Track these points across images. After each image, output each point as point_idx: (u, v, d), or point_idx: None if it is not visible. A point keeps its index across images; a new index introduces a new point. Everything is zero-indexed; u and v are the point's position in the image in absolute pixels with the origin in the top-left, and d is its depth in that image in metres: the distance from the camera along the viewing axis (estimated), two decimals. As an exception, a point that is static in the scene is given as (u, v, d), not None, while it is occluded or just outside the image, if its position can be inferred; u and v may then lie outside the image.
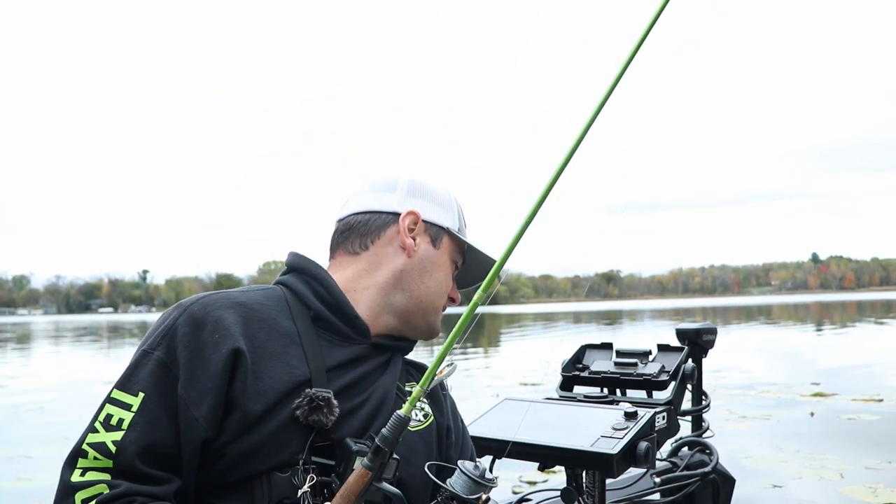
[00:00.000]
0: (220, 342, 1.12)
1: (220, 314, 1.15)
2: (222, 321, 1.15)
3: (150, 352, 1.13)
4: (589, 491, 1.53)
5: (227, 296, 1.21)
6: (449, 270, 1.35)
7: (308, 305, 1.25)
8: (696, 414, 1.93)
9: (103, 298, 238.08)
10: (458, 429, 1.42)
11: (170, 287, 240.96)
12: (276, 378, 1.14)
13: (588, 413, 1.58)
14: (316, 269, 1.30)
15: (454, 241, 1.36)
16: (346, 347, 1.25)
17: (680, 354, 1.73)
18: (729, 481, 1.91)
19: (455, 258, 1.37)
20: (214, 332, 1.13)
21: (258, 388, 1.12)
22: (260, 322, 1.19)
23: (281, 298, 1.26)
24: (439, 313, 1.36)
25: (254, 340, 1.16)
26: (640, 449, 1.44)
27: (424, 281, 1.32)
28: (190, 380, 1.10)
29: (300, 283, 1.28)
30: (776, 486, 4.85)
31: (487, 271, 1.10)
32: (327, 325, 1.25)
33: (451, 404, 1.42)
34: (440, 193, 1.37)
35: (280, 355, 1.17)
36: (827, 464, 5.37)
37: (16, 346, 28.05)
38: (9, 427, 8.29)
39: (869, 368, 11.97)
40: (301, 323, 1.23)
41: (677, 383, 1.68)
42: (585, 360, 1.85)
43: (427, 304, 1.33)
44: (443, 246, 1.34)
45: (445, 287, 1.35)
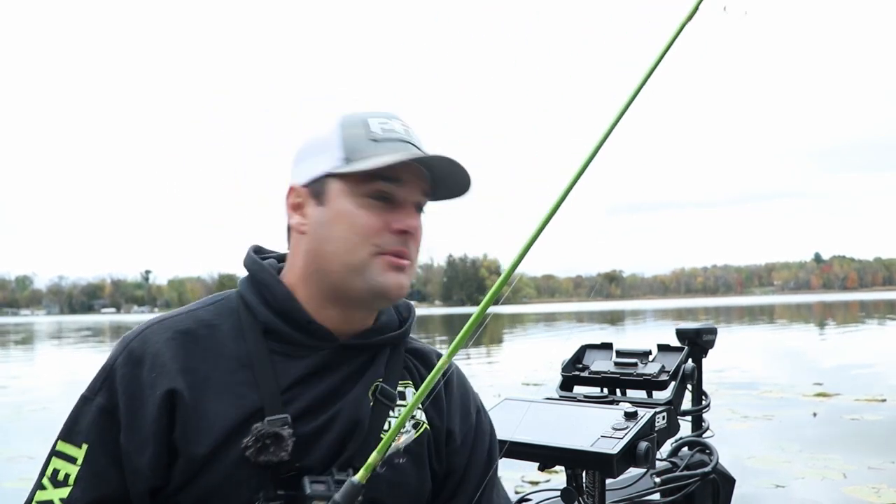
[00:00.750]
0: (157, 382, 1.03)
1: (157, 349, 1.06)
2: (159, 357, 1.05)
3: (91, 398, 1.06)
4: (589, 491, 1.53)
5: (172, 324, 1.09)
6: (358, 212, 1.07)
7: (256, 317, 1.11)
8: (696, 414, 1.93)
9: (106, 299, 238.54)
10: (468, 431, 1.24)
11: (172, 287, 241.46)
12: (221, 414, 1.03)
13: (588, 413, 1.58)
14: (260, 272, 1.14)
15: (347, 176, 1.08)
16: (305, 359, 1.09)
17: (680, 354, 1.73)
18: (729, 481, 1.90)
19: (365, 191, 1.07)
20: (152, 370, 1.04)
21: (201, 429, 1.02)
22: (204, 350, 1.07)
23: (233, 312, 1.12)
24: (372, 265, 1.07)
25: (196, 373, 1.05)
26: (640, 449, 1.44)
27: (326, 247, 1.08)
28: (130, 426, 1.02)
29: (250, 290, 1.14)
30: (779, 487, 4.84)
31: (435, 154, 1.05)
32: (279, 337, 1.10)
33: (461, 403, 1.25)
34: (316, 139, 1.12)
35: (227, 386, 1.05)
36: (830, 464, 5.36)
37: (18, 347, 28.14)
38: (11, 427, 8.31)
39: (872, 368, 11.95)
40: (251, 339, 1.09)
41: (677, 383, 1.68)
42: (585, 360, 1.85)
43: (344, 265, 1.07)
44: (331, 195, 1.08)
45: (360, 231, 1.06)
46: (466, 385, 1.30)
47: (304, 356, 1.09)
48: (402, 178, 1.08)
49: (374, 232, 1.07)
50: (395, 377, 1.18)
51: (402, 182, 1.09)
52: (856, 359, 13.85)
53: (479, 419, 1.27)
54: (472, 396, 1.29)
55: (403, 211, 1.09)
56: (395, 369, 1.18)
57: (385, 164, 1.05)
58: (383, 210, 1.08)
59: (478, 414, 1.27)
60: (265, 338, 1.09)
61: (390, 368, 1.17)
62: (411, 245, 1.11)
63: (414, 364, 1.23)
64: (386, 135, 1.10)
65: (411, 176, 1.09)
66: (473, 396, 1.30)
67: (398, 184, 1.08)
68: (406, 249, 1.09)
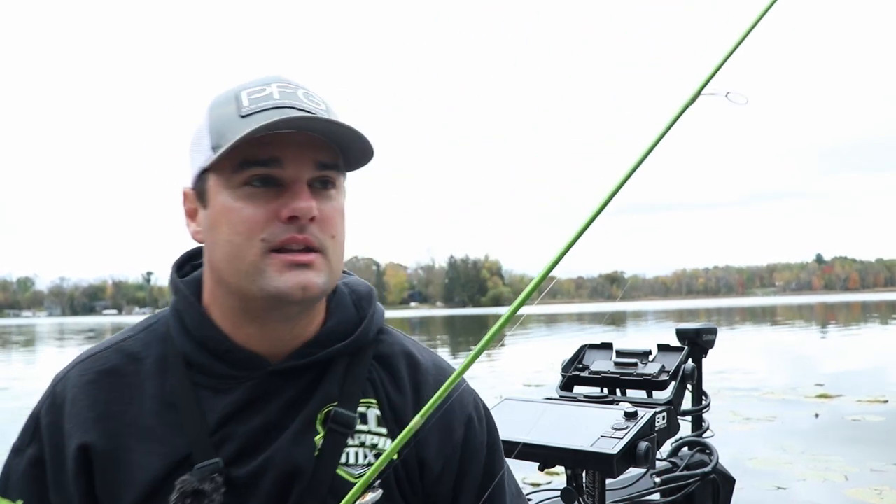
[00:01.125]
0: (72, 433, 0.93)
1: (75, 395, 0.95)
2: (76, 405, 0.94)
3: (23, 449, 0.97)
4: (589, 491, 1.54)
5: (95, 362, 0.97)
6: (236, 205, 0.89)
7: (178, 348, 0.96)
8: (696, 414, 1.94)
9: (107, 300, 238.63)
10: (451, 454, 1.01)
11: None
12: (144, 466, 0.91)
13: (588, 413, 1.58)
14: (176, 293, 0.99)
15: (219, 168, 0.90)
16: (232, 392, 0.93)
17: (680, 354, 1.73)
18: (729, 481, 1.90)
19: (241, 179, 0.89)
20: (69, 419, 0.94)
21: (123, 483, 0.91)
22: (130, 390, 0.95)
23: (162, 340, 0.98)
24: (265, 267, 0.89)
25: (118, 420, 0.93)
26: (640, 449, 1.45)
27: (216, 253, 0.92)
28: (56, 482, 0.93)
29: (173, 315, 0.99)
30: (780, 488, 4.83)
31: (297, 115, 0.86)
32: (202, 369, 0.95)
33: (439, 419, 1.00)
34: (194, 131, 0.96)
35: (151, 431, 0.93)
36: (831, 465, 5.35)
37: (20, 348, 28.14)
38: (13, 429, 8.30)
39: (874, 369, 11.92)
40: (175, 374, 0.95)
41: (677, 383, 1.68)
42: (585, 360, 1.85)
43: (235, 271, 0.90)
44: (210, 192, 0.92)
45: (242, 227, 0.89)
46: (445, 377, 1.05)
47: (231, 389, 0.93)
48: (280, 154, 0.88)
49: (258, 225, 0.88)
50: (355, 396, 0.98)
51: (282, 159, 0.88)
52: (858, 360, 13.83)
53: (469, 432, 1.03)
54: (459, 403, 1.04)
55: (290, 193, 0.88)
56: (353, 385, 0.98)
57: (234, 143, 0.85)
58: (268, 197, 0.89)
59: (467, 425, 1.03)
60: (190, 371, 0.95)
61: (348, 384, 0.98)
62: (314, 230, 0.89)
63: (378, 374, 1.01)
64: (256, 105, 0.90)
65: (295, 148, 0.89)
66: (461, 402, 1.04)
67: (276, 163, 0.88)
68: (305, 236, 0.89)
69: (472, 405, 1.06)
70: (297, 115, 0.87)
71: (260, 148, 0.87)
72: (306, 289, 0.89)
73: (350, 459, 0.95)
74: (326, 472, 0.93)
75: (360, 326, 1.00)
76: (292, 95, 0.92)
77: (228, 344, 0.94)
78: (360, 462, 0.95)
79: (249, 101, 0.91)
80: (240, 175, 0.89)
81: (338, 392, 0.97)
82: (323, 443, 0.94)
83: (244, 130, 0.86)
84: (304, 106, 0.91)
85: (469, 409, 1.05)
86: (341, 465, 0.94)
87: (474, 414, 1.05)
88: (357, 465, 0.95)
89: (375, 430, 0.97)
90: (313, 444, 0.94)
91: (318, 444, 0.94)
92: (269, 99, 0.91)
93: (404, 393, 1.01)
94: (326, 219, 0.91)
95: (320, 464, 0.93)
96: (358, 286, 1.06)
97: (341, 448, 0.95)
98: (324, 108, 0.93)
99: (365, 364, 1.00)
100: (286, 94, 0.92)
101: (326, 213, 0.91)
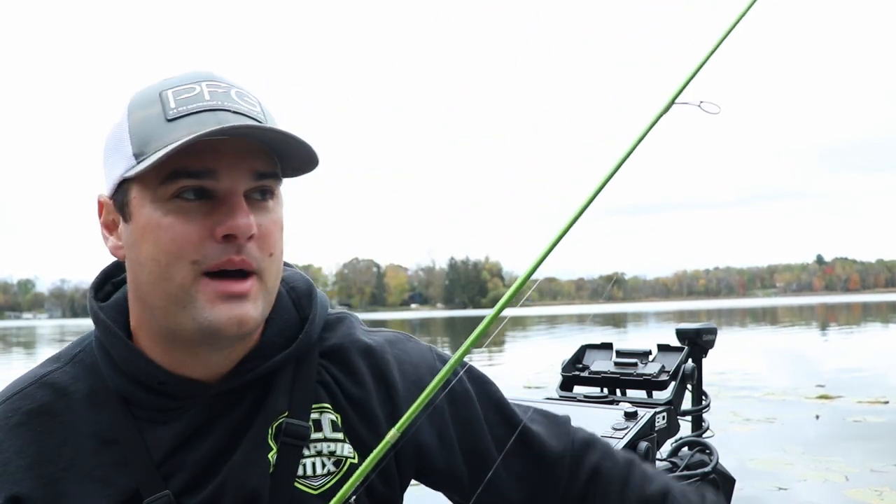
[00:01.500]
0: (1, 486, 0.84)
1: (1, 441, 0.86)
2: (3, 452, 0.85)
3: None
4: (589, 491, 1.53)
5: (21, 401, 0.88)
6: (164, 220, 0.79)
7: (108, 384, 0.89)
8: (696, 414, 1.93)
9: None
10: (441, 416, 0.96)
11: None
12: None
13: (588, 413, 1.57)
14: (96, 323, 0.90)
15: (144, 176, 0.80)
16: (175, 422, 0.86)
17: (680, 354, 1.73)
18: (729, 481, 1.90)
19: (169, 192, 0.79)
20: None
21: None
22: (62, 430, 0.87)
23: (91, 372, 0.90)
24: (196, 296, 0.80)
25: (53, 464, 0.85)
26: (640, 449, 1.44)
27: (140, 275, 0.83)
28: None
29: (98, 346, 0.91)
30: (781, 489, 4.83)
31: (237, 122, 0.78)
32: (138, 402, 0.87)
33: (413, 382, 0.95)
34: (111, 132, 0.85)
35: (92, 471, 0.85)
36: (832, 466, 5.34)
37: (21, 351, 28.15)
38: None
39: (875, 370, 11.91)
40: (112, 407, 0.87)
41: (677, 383, 1.68)
42: (585, 360, 1.85)
43: (163, 296, 0.81)
44: (133, 205, 0.82)
45: (171, 247, 0.79)
46: (404, 348, 0.99)
47: (172, 420, 0.87)
48: (214, 165, 0.79)
49: (189, 245, 0.79)
50: (306, 403, 0.92)
51: (216, 171, 0.79)
52: (858, 361, 13.81)
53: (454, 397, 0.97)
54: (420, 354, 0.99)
55: (226, 208, 0.79)
56: (303, 392, 0.92)
57: (164, 155, 0.76)
58: (201, 212, 0.79)
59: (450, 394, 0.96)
60: (126, 404, 0.87)
61: (297, 392, 0.92)
62: (251, 250, 0.81)
63: (330, 373, 0.95)
64: (184, 107, 0.80)
65: (230, 157, 0.80)
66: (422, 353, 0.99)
67: (210, 175, 0.79)
68: (242, 258, 0.80)
69: (434, 352, 1.01)
70: (239, 125, 0.78)
71: (191, 157, 0.78)
72: (242, 324, 0.82)
73: (308, 471, 0.91)
74: (284, 487, 0.89)
75: (303, 331, 0.93)
76: (224, 96, 0.82)
77: (162, 375, 0.85)
78: (318, 472, 0.91)
79: (176, 101, 0.81)
80: (168, 187, 0.79)
81: (287, 403, 0.91)
82: (277, 458, 0.89)
83: (172, 136, 0.77)
84: (237, 108, 0.82)
85: (431, 355, 1.00)
86: (299, 479, 0.90)
87: (457, 385, 0.98)
88: (316, 476, 0.91)
89: (331, 436, 0.92)
90: (267, 461, 0.88)
91: (272, 461, 0.89)
92: (199, 100, 0.81)
93: (364, 384, 0.94)
94: (265, 236, 0.83)
95: (277, 480, 0.88)
96: (297, 283, 0.97)
97: (297, 461, 0.90)
98: (258, 109, 0.85)
99: (312, 367, 0.94)
100: (217, 94, 0.82)
101: (265, 229, 0.83)
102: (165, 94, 0.82)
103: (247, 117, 0.82)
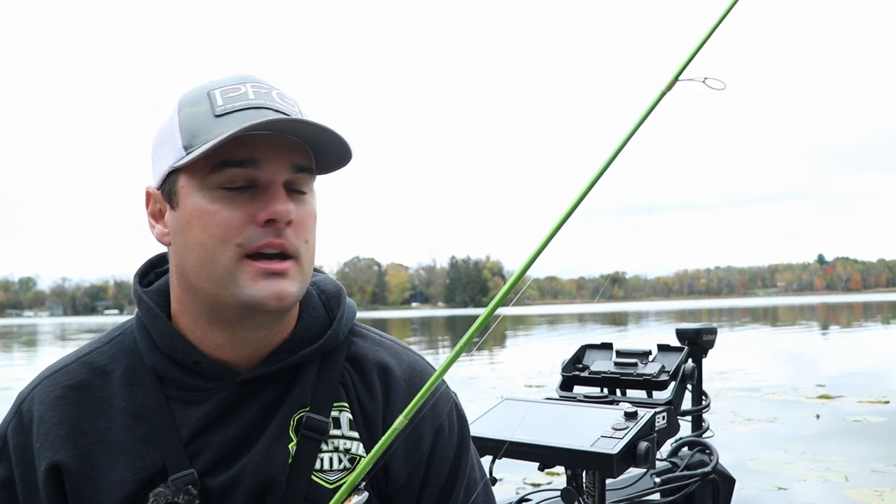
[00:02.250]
0: (42, 454, 0.92)
1: (43, 412, 0.93)
2: (44, 423, 0.93)
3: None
4: (589, 491, 1.54)
5: (63, 377, 0.96)
6: (211, 207, 0.87)
7: (145, 362, 0.95)
8: (696, 414, 1.94)
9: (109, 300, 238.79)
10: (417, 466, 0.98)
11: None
12: (117, 481, 0.90)
13: (588, 413, 1.58)
14: (140, 305, 0.96)
15: (192, 166, 0.87)
16: (203, 403, 0.92)
17: (680, 354, 1.73)
18: (729, 481, 1.90)
19: (216, 181, 0.87)
20: (38, 438, 0.93)
21: (96, 499, 0.90)
22: (99, 405, 0.94)
23: (129, 352, 0.97)
24: (239, 274, 0.87)
25: (88, 436, 0.92)
26: (640, 449, 1.44)
27: (187, 258, 0.90)
28: (28, 502, 0.93)
29: (138, 328, 0.97)
30: (781, 489, 4.83)
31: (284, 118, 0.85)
32: (171, 381, 0.94)
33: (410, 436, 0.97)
34: (161, 128, 0.93)
35: (123, 446, 0.91)
36: (832, 466, 5.35)
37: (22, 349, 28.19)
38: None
39: (875, 370, 11.91)
40: (146, 387, 0.94)
41: (677, 383, 1.68)
42: (585, 360, 1.85)
43: (208, 277, 0.88)
44: (181, 194, 0.89)
45: (217, 231, 0.86)
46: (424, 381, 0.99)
47: (202, 400, 0.92)
48: (258, 155, 0.87)
49: (234, 229, 0.86)
50: (328, 400, 0.96)
51: (260, 161, 0.87)
52: (859, 361, 13.82)
53: (437, 443, 1.00)
54: (432, 412, 1.00)
55: (267, 195, 0.87)
56: (326, 390, 0.97)
57: (216, 144, 0.83)
58: (244, 200, 0.87)
59: (436, 435, 1.00)
60: (160, 383, 0.94)
61: (321, 389, 0.96)
62: (289, 235, 0.88)
63: (352, 378, 1.00)
64: (230, 105, 0.88)
65: (272, 150, 0.88)
66: (434, 411, 1.01)
67: (254, 164, 0.87)
68: (281, 241, 0.87)
69: (444, 413, 1.03)
70: (280, 118, 0.86)
71: (237, 148, 0.86)
72: (281, 298, 0.88)
73: (324, 465, 0.94)
74: (301, 479, 0.93)
75: (330, 328, 0.99)
76: (266, 96, 0.90)
77: (197, 355, 0.92)
78: (334, 468, 0.95)
79: (224, 100, 0.89)
80: (215, 176, 0.87)
81: (310, 397, 0.96)
82: (296, 450, 0.93)
83: (219, 130, 0.85)
84: (278, 107, 0.90)
85: (441, 418, 1.02)
86: (316, 472, 0.94)
87: (446, 423, 1.02)
88: (332, 471, 0.94)
89: (348, 434, 0.97)
90: (287, 451, 0.93)
91: (291, 452, 0.93)
92: (244, 98, 0.89)
93: (376, 399, 0.99)
94: (301, 224, 0.90)
95: (294, 471, 0.92)
96: (327, 286, 1.04)
97: (315, 454, 0.94)
98: (296, 109, 0.93)
99: (337, 367, 0.99)
100: (261, 94, 0.90)
101: (301, 218, 0.90)
102: (213, 93, 0.90)
103: (286, 116, 0.89)
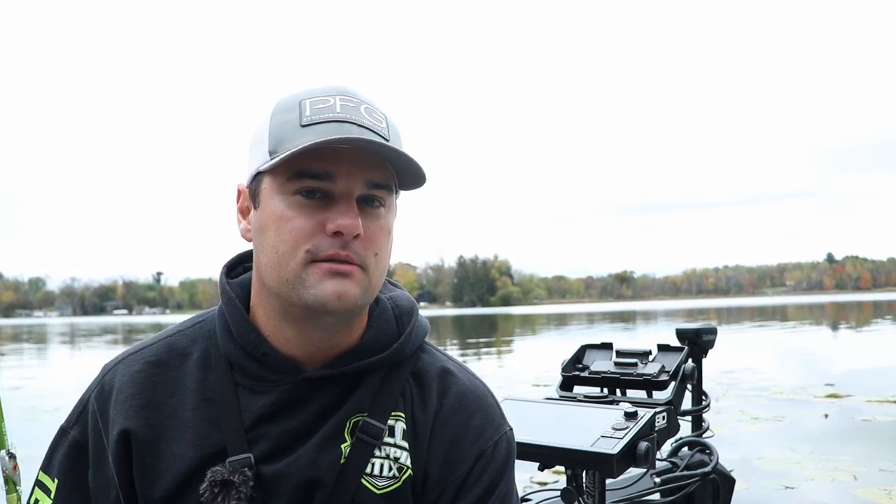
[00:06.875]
0: (116, 419, 0.97)
1: (123, 383, 0.99)
2: (122, 393, 0.99)
3: (67, 430, 1.02)
4: (589, 491, 1.54)
5: (145, 354, 1.02)
6: (287, 213, 0.90)
7: (221, 349, 1.00)
8: (696, 414, 1.94)
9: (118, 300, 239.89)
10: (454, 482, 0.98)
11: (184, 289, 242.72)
12: (179, 455, 0.95)
13: (588, 413, 1.58)
14: (222, 295, 1.02)
15: (274, 171, 0.91)
16: (268, 394, 0.96)
17: (680, 354, 1.73)
18: (729, 481, 1.90)
19: (294, 187, 0.90)
20: (115, 406, 0.98)
21: (159, 471, 0.95)
22: (173, 383, 0.99)
23: (207, 338, 1.03)
24: (306, 275, 0.90)
25: (160, 410, 0.97)
26: (640, 449, 1.45)
27: (262, 257, 0.94)
28: (97, 465, 0.98)
29: (219, 317, 1.03)
30: (788, 488, 4.81)
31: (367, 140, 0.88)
32: (241, 369, 0.98)
33: (451, 440, 0.99)
34: (255, 131, 0.97)
35: (190, 423, 0.96)
36: (840, 465, 5.32)
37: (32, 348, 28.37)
38: (24, 428, 8.37)
39: (884, 369, 11.84)
40: (219, 370, 0.99)
41: (677, 383, 1.68)
42: (585, 360, 1.85)
43: (278, 277, 0.92)
44: (263, 195, 0.93)
45: (290, 236, 0.90)
46: (474, 413, 1.02)
47: (267, 391, 0.96)
48: (334, 169, 0.89)
49: (304, 236, 0.90)
50: (386, 408, 0.99)
51: (335, 174, 0.90)
52: (868, 360, 13.73)
53: (476, 469, 0.99)
54: (478, 432, 1.01)
55: (339, 208, 0.90)
56: (387, 399, 0.99)
57: (293, 153, 0.87)
58: (318, 209, 0.90)
59: (476, 461, 0.99)
60: (231, 370, 0.98)
61: (381, 397, 0.99)
62: (357, 247, 0.91)
63: (411, 391, 1.02)
64: (316, 117, 0.91)
65: (348, 165, 0.90)
66: (480, 432, 1.01)
67: (329, 178, 0.90)
68: (347, 253, 0.90)
69: (491, 440, 1.02)
70: (354, 137, 0.88)
71: (315, 160, 0.89)
72: (342, 298, 0.90)
73: (375, 470, 0.96)
74: (351, 480, 0.95)
75: (398, 341, 1.01)
76: (354, 110, 0.92)
77: (266, 348, 0.96)
78: (384, 474, 0.96)
79: (311, 111, 0.92)
80: (293, 183, 0.90)
81: (369, 403, 0.98)
82: (350, 451, 0.95)
83: (302, 139, 0.88)
84: (364, 122, 0.92)
85: (486, 444, 1.01)
86: (366, 475, 0.96)
87: (490, 451, 1.01)
88: (381, 477, 0.96)
89: (400, 443, 0.98)
90: (339, 451, 0.95)
91: (344, 452, 0.95)
92: (331, 111, 0.91)
93: (428, 412, 1.01)
94: (371, 237, 0.92)
95: (345, 472, 0.95)
96: (401, 301, 1.07)
97: (368, 458, 0.96)
98: (384, 125, 0.94)
99: (401, 379, 1.01)
100: (347, 108, 0.92)
101: (372, 232, 0.92)
102: (304, 102, 0.93)
103: (371, 131, 0.91)
